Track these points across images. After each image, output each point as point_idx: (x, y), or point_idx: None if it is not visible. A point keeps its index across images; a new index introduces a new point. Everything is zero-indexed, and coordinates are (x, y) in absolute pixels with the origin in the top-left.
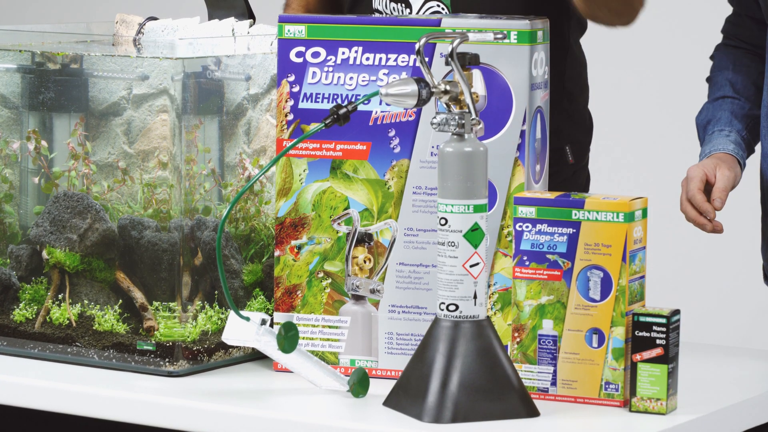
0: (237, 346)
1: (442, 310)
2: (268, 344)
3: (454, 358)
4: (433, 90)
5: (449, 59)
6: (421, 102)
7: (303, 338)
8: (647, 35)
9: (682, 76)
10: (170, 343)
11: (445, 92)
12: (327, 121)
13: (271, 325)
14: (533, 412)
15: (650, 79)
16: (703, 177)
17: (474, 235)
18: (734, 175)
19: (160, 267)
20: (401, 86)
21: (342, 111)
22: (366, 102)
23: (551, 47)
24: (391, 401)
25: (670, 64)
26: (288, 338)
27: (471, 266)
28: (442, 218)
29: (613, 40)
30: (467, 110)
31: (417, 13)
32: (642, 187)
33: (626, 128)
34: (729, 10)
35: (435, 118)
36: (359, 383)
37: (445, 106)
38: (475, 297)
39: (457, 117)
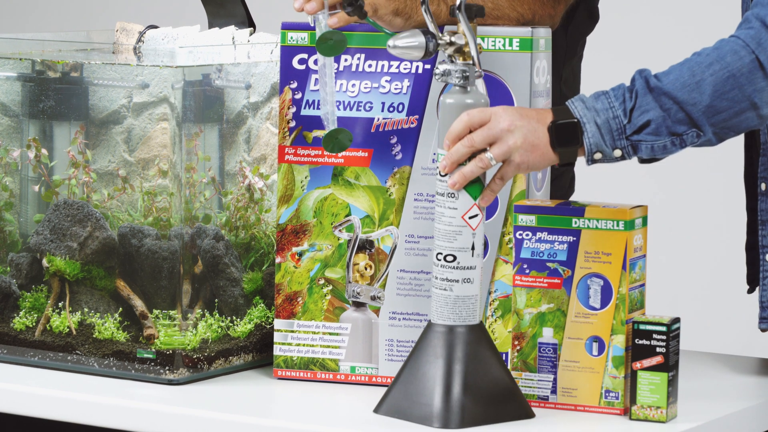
0: (237, 354)
1: (440, 260)
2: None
3: (453, 363)
4: (439, 42)
5: (456, 11)
6: (428, 54)
7: (303, 345)
8: (647, 31)
9: None
10: (170, 351)
11: (450, 44)
12: (348, 10)
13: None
14: (529, 413)
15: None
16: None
17: (473, 188)
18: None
19: (160, 275)
20: (409, 38)
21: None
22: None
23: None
24: (389, 408)
25: (670, 60)
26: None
27: (470, 218)
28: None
29: (612, 37)
30: (471, 62)
31: None
32: (642, 191)
33: None
34: (729, 4)
35: (438, 68)
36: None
37: (448, 58)
38: (473, 248)
39: (460, 69)
